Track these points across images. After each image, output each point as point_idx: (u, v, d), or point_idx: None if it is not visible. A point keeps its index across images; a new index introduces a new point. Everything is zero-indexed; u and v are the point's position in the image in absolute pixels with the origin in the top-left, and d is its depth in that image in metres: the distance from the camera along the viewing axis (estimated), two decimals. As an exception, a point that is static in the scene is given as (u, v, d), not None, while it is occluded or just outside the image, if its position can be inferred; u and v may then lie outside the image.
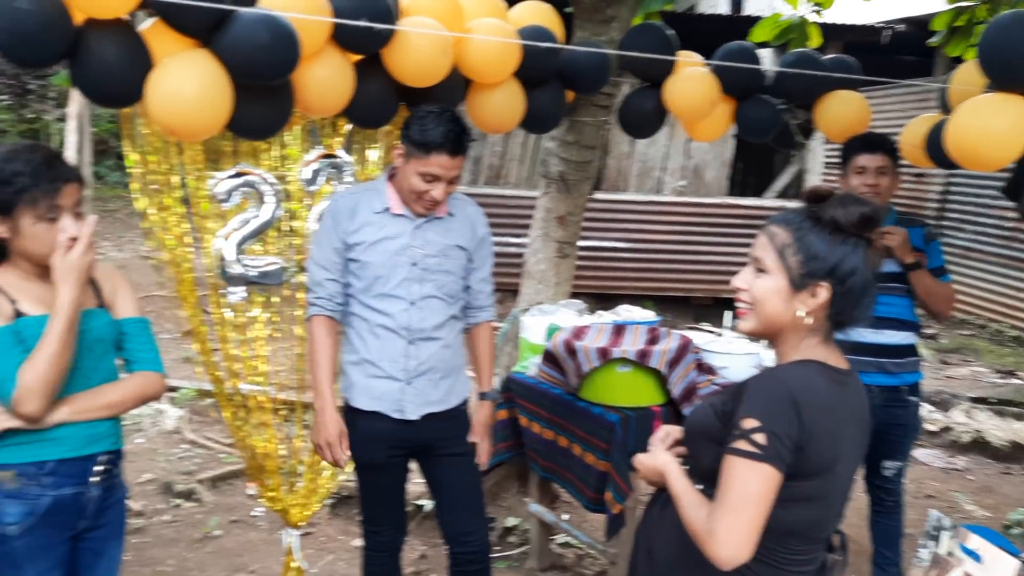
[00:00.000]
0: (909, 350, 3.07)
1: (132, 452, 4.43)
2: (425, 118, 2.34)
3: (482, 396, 2.68)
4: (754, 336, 1.68)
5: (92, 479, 1.99)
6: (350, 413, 2.55)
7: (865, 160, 2.98)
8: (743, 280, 1.65)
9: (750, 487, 1.48)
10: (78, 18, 2.09)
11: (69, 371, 1.89)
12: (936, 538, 1.65)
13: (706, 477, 1.61)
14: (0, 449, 1.89)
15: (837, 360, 1.64)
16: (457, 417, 2.62)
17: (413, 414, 2.51)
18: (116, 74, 2.13)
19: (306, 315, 2.52)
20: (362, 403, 2.50)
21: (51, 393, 1.86)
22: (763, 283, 1.61)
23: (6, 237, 1.90)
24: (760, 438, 1.48)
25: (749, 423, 1.50)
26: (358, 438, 2.53)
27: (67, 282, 1.86)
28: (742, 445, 1.49)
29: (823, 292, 1.57)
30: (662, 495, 1.75)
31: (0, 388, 1.83)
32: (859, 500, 4.28)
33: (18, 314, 1.89)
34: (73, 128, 9.15)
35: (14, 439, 1.88)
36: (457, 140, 2.34)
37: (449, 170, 2.36)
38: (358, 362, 2.51)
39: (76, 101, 9.16)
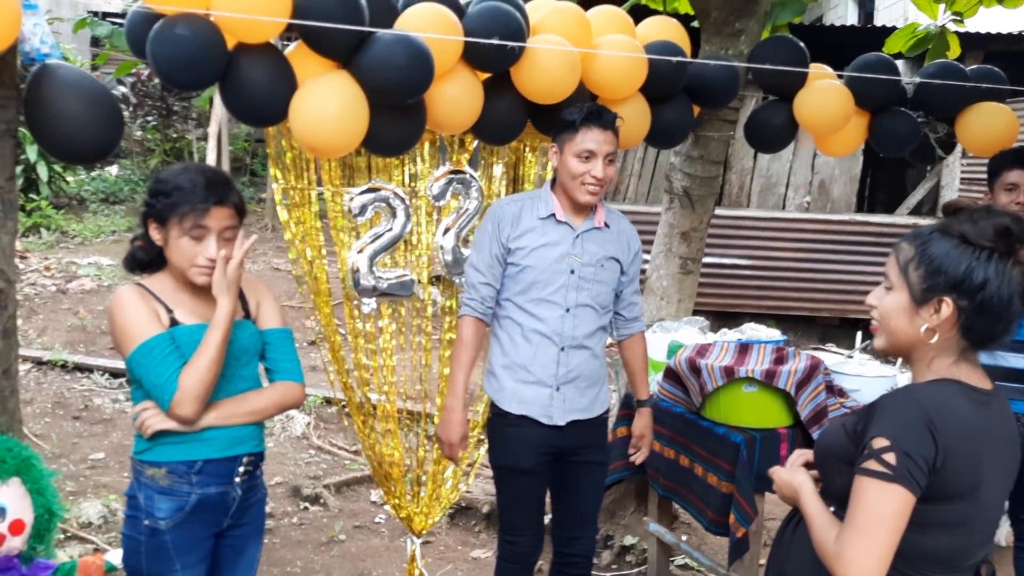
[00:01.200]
0: (1061, 377, 2.87)
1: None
2: (571, 108, 2.50)
3: (639, 404, 2.78)
4: (887, 355, 1.62)
5: (236, 479, 2.10)
6: (498, 418, 2.60)
7: (1016, 176, 2.82)
8: (874, 297, 1.63)
9: (880, 509, 1.42)
10: (230, 43, 2.22)
11: (219, 378, 2.00)
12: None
13: (839, 499, 1.56)
14: (153, 448, 2.02)
15: (979, 380, 1.56)
16: (599, 426, 2.67)
17: (560, 420, 2.55)
18: (264, 95, 2.25)
19: (459, 314, 2.60)
20: (512, 407, 2.55)
21: (205, 398, 1.98)
22: (889, 299, 1.58)
23: (161, 245, 2.03)
24: (890, 458, 1.42)
25: (879, 442, 1.44)
26: (506, 444, 2.58)
27: (225, 295, 1.98)
28: (872, 465, 1.44)
29: (947, 308, 1.50)
30: (795, 516, 1.70)
31: (161, 390, 1.95)
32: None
33: (173, 322, 2.02)
34: (212, 146, 9.70)
35: (166, 439, 2.01)
36: (600, 113, 2.44)
37: (602, 144, 2.43)
38: (508, 366, 2.56)
39: (215, 121, 9.72)
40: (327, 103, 2.21)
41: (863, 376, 3.17)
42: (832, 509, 1.57)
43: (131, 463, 2.09)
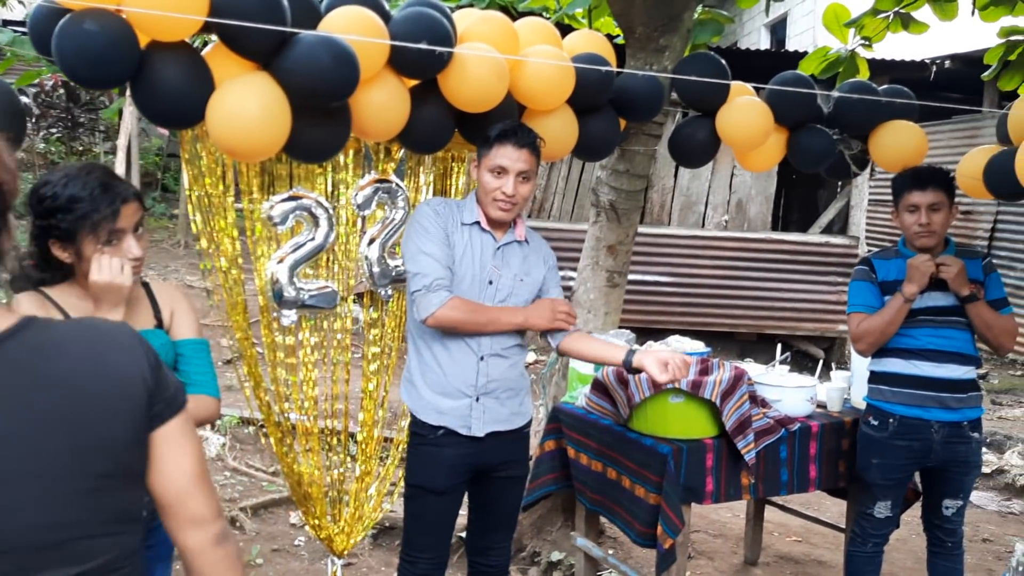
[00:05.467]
0: (970, 385, 2.97)
1: (174, 478, 4.42)
2: (493, 125, 2.47)
3: (628, 363, 2.45)
4: None
5: None
6: (416, 437, 2.53)
7: (917, 198, 2.91)
8: None
9: None
10: (142, 41, 2.12)
11: None
12: (1022, 573, 1.57)
13: None
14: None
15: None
16: (520, 440, 2.62)
17: (479, 431, 2.49)
18: (178, 96, 2.14)
19: (433, 306, 2.35)
20: (430, 418, 2.49)
21: None
22: None
23: (71, 262, 1.90)
24: None
25: None
26: (421, 463, 2.52)
27: (104, 301, 1.85)
28: None
29: None
30: None
31: None
32: (912, 542, 4.15)
33: None
34: (121, 160, 9.36)
35: None
36: (518, 132, 2.41)
37: (515, 161, 2.41)
38: (427, 375, 2.50)
39: (124, 134, 9.38)
40: (246, 104, 2.13)
41: (783, 387, 3.23)
42: None
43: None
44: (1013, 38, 4.36)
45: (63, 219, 1.83)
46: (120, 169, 9.22)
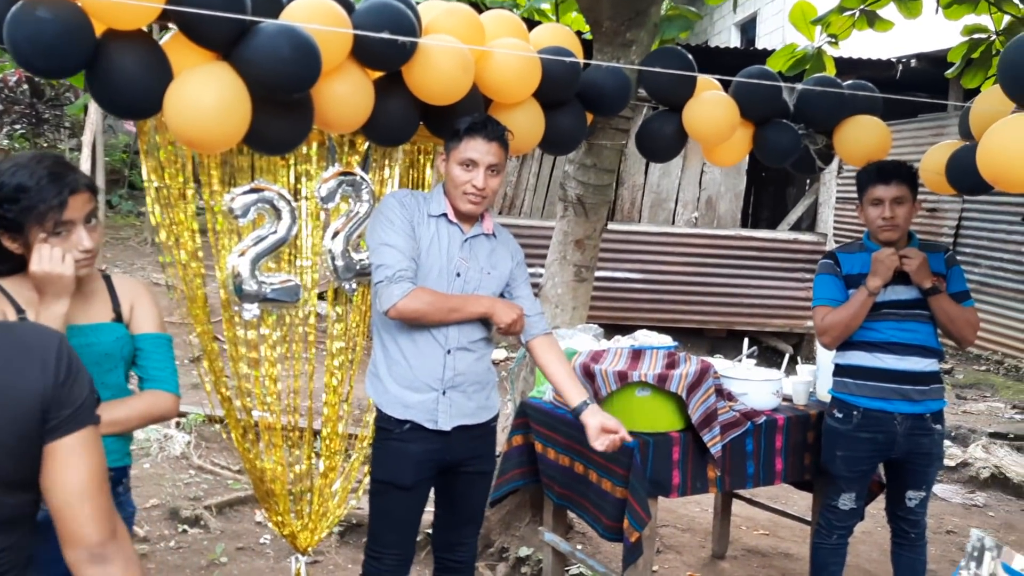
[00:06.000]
0: (933, 377, 3.01)
1: (138, 477, 4.36)
2: (462, 118, 2.45)
3: (576, 412, 2.49)
4: None
5: None
6: (382, 432, 2.51)
7: (880, 191, 2.93)
8: None
9: None
10: (98, 29, 2.08)
11: None
12: (978, 559, 1.58)
13: None
14: None
15: None
16: (487, 434, 2.61)
17: (446, 425, 2.47)
18: (135, 85, 2.11)
19: (395, 296, 2.32)
20: (396, 411, 2.47)
21: None
22: None
23: (21, 253, 1.86)
24: None
25: None
26: (387, 458, 2.49)
27: (46, 292, 1.81)
28: None
29: None
30: None
31: None
32: (878, 534, 4.20)
33: None
34: (86, 157, 9.21)
35: None
36: (487, 124, 2.40)
37: (485, 154, 2.40)
38: (393, 369, 2.48)
39: (89, 130, 9.23)
40: (205, 95, 2.09)
41: (750, 380, 3.24)
42: None
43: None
44: (976, 36, 4.42)
45: (9, 209, 1.79)
46: (85, 166, 9.06)
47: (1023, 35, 2.46)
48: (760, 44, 12.84)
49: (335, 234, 2.77)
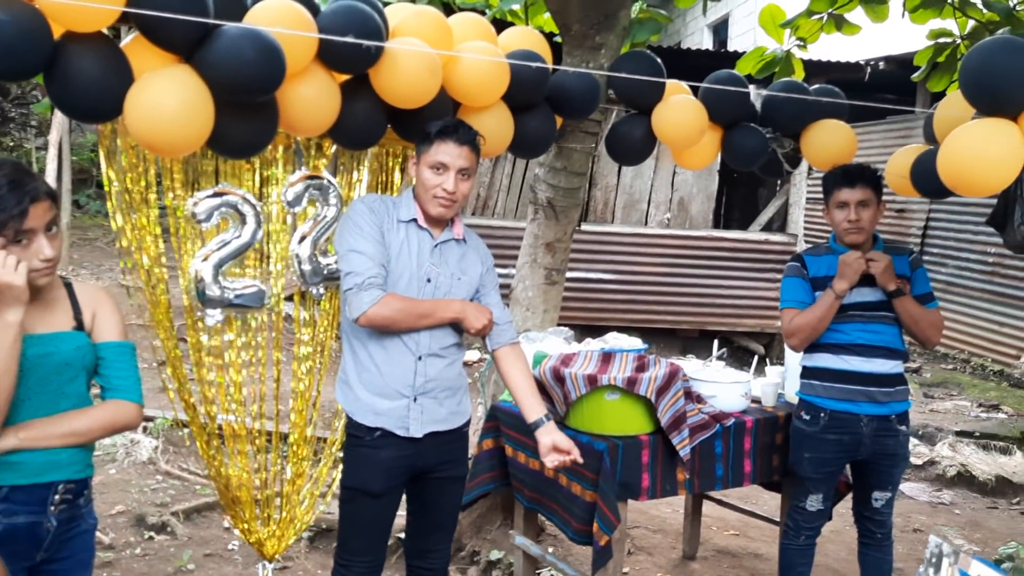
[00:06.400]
0: (898, 379, 3.04)
1: (104, 483, 4.30)
2: (434, 121, 2.44)
3: (541, 421, 2.51)
4: None
5: (51, 508, 1.90)
6: (352, 438, 2.49)
7: (846, 195, 2.96)
8: None
9: None
10: (57, 31, 2.04)
11: (15, 396, 1.81)
12: (936, 565, 1.60)
13: None
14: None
15: None
16: (459, 439, 2.59)
17: (417, 432, 2.46)
18: (95, 88, 2.07)
19: (365, 304, 2.31)
20: (366, 419, 2.44)
21: None
22: None
23: None
24: None
25: None
26: (357, 464, 2.47)
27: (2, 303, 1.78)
28: None
29: None
30: None
31: None
32: (846, 533, 4.24)
33: None
34: (53, 156, 9.07)
35: None
36: (458, 128, 2.39)
37: (456, 158, 2.38)
38: (363, 376, 2.45)
39: (56, 129, 9.10)
40: (166, 98, 2.06)
41: (719, 382, 3.26)
42: None
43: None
44: (941, 40, 4.47)
45: None
46: (52, 165, 8.93)
47: (984, 42, 2.49)
48: (732, 46, 12.93)
49: (302, 238, 2.75)
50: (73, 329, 1.97)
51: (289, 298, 2.88)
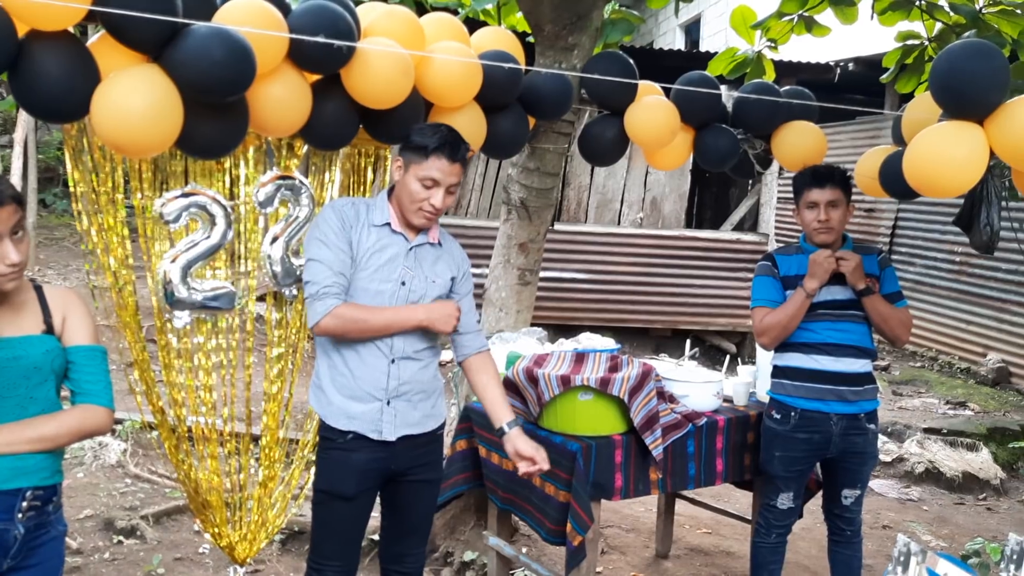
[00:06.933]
0: (867, 378, 3.07)
1: (72, 487, 4.24)
2: (424, 128, 2.39)
3: (508, 427, 2.53)
4: None
5: (18, 515, 1.86)
6: (325, 441, 2.46)
7: (816, 195, 2.99)
8: None
9: None
10: (21, 30, 2.01)
11: None
12: (904, 563, 1.62)
13: None
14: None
15: None
16: (432, 442, 2.58)
17: (391, 435, 2.44)
18: (60, 88, 2.04)
19: (319, 313, 2.30)
20: (339, 423, 2.42)
21: None
22: None
23: None
24: None
25: None
26: (330, 468, 2.45)
27: None
28: None
29: None
30: None
31: None
32: (817, 531, 4.28)
33: None
34: (18, 154, 8.92)
35: None
36: (454, 145, 2.36)
37: (448, 175, 2.36)
38: (336, 379, 2.43)
39: (22, 127, 8.94)
40: (134, 98, 2.03)
41: (691, 382, 3.28)
42: None
43: None
44: (909, 42, 4.53)
45: None
46: (18, 164, 8.77)
47: (953, 46, 2.52)
48: (704, 46, 13.02)
49: (274, 239, 2.73)
50: (42, 333, 1.94)
51: (261, 299, 2.85)
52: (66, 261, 8.95)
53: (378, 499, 2.60)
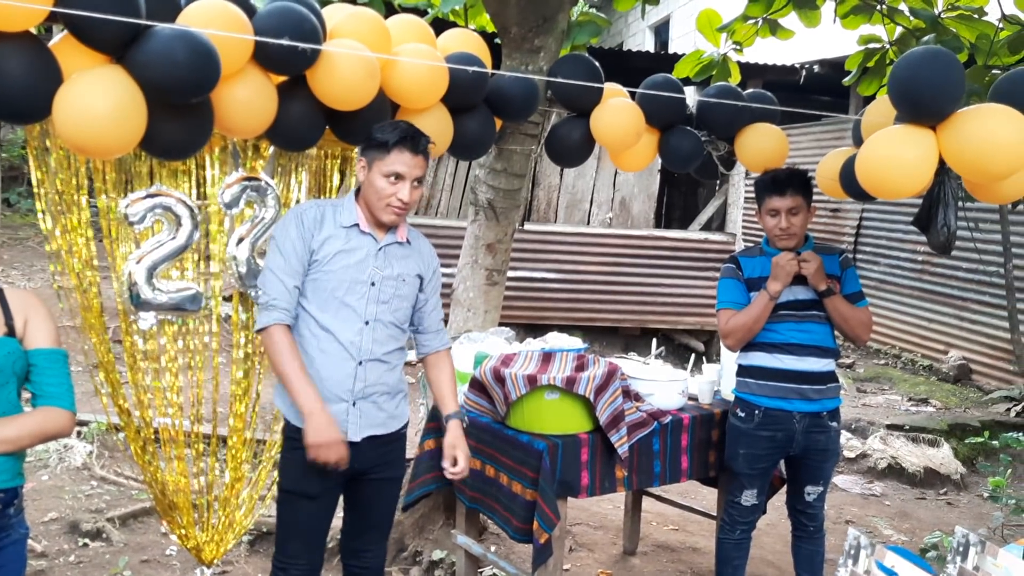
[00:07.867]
0: (829, 377, 3.13)
1: (35, 490, 4.19)
2: (384, 125, 2.43)
3: (447, 419, 2.66)
4: None
5: None
6: (290, 441, 2.48)
7: (776, 203, 3.04)
8: None
9: None
10: (-19, 30, 2.00)
11: None
12: (855, 556, 1.67)
13: None
14: None
15: None
16: (396, 441, 2.60)
17: (356, 436, 2.46)
18: (21, 89, 2.03)
19: (261, 324, 2.37)
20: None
21: None
22: None
23: None
24: None
25: None
26: (294, 467, 2.46)
27: None
28: None
29: None
30: None
31: None
32: (781, 526, 4.35)
33: None
34: (-18, 152, 8.77)
35: None
36: (415, 138, 2.39)
37: (412, 168, 2.38)
38: None
39: (-14, 124, 8.81)
40: (96, 99, 2.03)
41: (656, 381, 3.32)
42: None
43: None
44: (871, 46, 4.61)
45: None
46: (-20, 162, 8.65)
47: (913, 52, 2.58)
48: (673, 47, 13.12)
49: (240, 240, 2.73)
50: (4, 335, 1.93)
51: (228, 299, 2.85)
52: (31, 261, 8.83)
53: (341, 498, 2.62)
